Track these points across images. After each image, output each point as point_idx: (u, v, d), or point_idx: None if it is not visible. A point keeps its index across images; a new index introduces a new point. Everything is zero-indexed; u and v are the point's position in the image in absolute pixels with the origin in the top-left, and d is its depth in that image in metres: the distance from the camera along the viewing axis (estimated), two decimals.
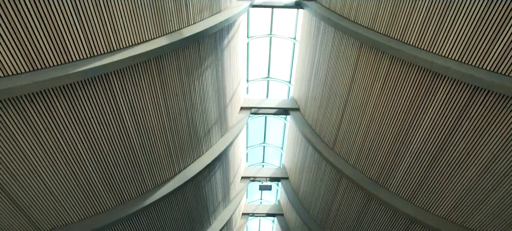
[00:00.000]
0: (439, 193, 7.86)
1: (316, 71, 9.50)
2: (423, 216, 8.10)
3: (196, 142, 8.91)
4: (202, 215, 11.16)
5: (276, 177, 13.59)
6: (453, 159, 7.19)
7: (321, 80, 9.36)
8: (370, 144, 8.42)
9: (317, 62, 9.42)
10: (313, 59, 9.62)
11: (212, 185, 10.63)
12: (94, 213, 7.96)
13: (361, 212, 9.85)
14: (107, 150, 7.16)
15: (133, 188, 8.15)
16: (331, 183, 10.25)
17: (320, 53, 9.15)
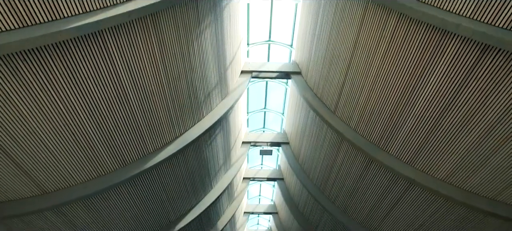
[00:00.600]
0: (439, 156, 7.87)
1: (319, 33, 9.17)
2: (422, 179, 8.17)
3: (196, 105, 8.80)
4: (204, 178, 11.32)
5: (277, 142, 13.64)
6: (456, 121, 7.11)
7: (323, 42, 9.06)
8: (373, 107, 8.31)
9: (320, 24, 9.07)
10: (315, 21, 9.26)
11: (213, 149, 10.68)
12: (96, 175, 8.04)
13: (360, 175, 9.95)
14: (106, 112, 7.07)
15: (134, 151, 8.16)
16: (331, 147, 10.28)
17: (323, 14, 8.77)
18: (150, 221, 10.87)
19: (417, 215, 9.74)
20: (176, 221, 11.53)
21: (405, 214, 9.99)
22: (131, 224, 10.49)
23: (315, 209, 13.38)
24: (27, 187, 7.56)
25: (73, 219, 9.14)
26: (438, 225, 9.59)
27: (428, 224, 9.77)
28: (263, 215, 25.56)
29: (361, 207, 11.03)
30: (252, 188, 21.10)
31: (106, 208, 9.29)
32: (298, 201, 14.57)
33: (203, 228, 13.81)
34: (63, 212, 8.67)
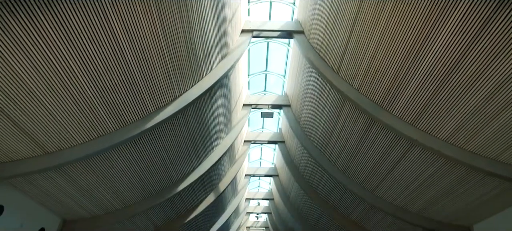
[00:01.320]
0: (442, 117, 7.76)
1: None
2: (425, 139, 8.13)
3: (195, 65, 8.58)
4: (205, 140, 11.36)
5: (278, 104, 13.53)
6: (462, 82, 6.91)
7: (328, 0, 8.63)
8: (377, 66, 8.07)
9: None
10: None
11: (213, 111, 10.60)
12: (97, 135, 8.01)
13: (362, 137, 9.94)
14: (103, 71, 6.87)
15: (134, 111, 8.07)
16: (333, 109, 10.17)
17: None
18: (153, 181, 11.07)
19: (416, 176, 9.84)
20: (179, 182, 11.74)
21: (404, 175, 10.11)
22: (135, 184, 10.69)
23: (316, 171, 13.57)
24: (28, 147, 7.57)
25: (78, 179, 9.28)
26: (437, 185, 9.72)
27: (427, 184, 9.90)
28: (264, 178, 26.18)
29: (361, 169, 11.15)
30: (253, 152, 21.39)
31: (109, 168, 9.40)
32: (299, 163, 14.76)
33: (205, 189, 14.12)
34: (67, 172, 8.78)
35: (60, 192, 9.52)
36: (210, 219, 17.22)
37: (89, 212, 11.01)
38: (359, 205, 12.94)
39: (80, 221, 11.20)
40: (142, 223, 13.07)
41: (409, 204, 11.18)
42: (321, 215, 16.19)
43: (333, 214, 14.40)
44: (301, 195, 16.59)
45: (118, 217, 11.22)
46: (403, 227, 12.66)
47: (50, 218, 10.51)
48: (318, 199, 14.47)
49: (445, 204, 10.51)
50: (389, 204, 11.49)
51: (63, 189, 9.40)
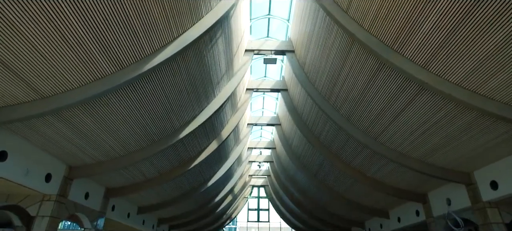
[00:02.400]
0: (456, 60, 7.31)
1: None
2: (436, 82, 7.77)
3: (194, 3, 7.94)
4: (206, 86, 11.03)
5: (281, 50, 12.96)
6: (479, 24, 6.37)
7: None
8: (390, 5, 7.42)
9: None
10: None
11: (214, 54, 10.12)
12: (93, 78, 7.68)
13: (369, 81, 9.56)
14: (94, 9, 6.33)
15: (130, 53, 7.64)
16: (340, 53, 9.67)
17: None
18: (155, 128, 10.97)
19: (422, 123, 9.65)
20: (181, 129, 11.65)
21: (409, 122, 9.91)
22: (136, 131, 10.60)
23: (319, 118, 13.42)
24: (23, 92, 7.30)
25: (78, 125, 9.16)
26: (442, 131, 9.57)
27: (432, 130, 9.75)
28: (266, 127, 26.33)
29: (365, 115, 10.94)
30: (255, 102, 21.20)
31: (109, 114, 9.22)
32: (302, 111, 14.57)
33: (208, 136, 14.12)
34: (66, 118, 8.62)
35: (62, 138, 9.46)
36: (213, 166, 17.55)
37: (93, 159, 11.09)
38: (362, 152, 12.98)
39: (85, 167, 11.35)
40: (147, 169, 13.28)
41: (412, 150, 11.16)
42: (322, 163, 16.41)
43: (335, 162, 14.55)
44: (303, 143, 16.67)
45: (122, 163, 11.32)
46: (404, 173, 12.83)
47: (55, 164, 10.62)
48: (321, 146, 14.52)
49: (448, 151, 10.47)
50: (392, 151, 11.48)
51: (65, 135, 9.33)
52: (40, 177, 9.95)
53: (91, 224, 13.17)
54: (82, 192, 12.28)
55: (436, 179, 12.08)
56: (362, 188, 15.93)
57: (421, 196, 14.34)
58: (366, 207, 18.19)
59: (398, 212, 17.20)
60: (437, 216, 13.54)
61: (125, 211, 16.38)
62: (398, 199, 15.50)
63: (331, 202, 20.29)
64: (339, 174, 15.97)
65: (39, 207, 10.65)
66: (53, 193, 10.66)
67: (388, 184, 14.20)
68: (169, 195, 17.51)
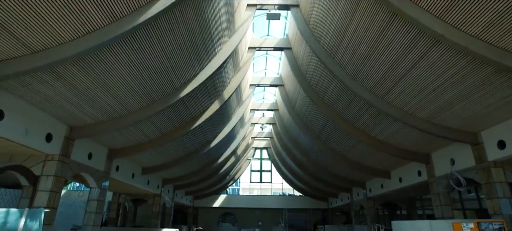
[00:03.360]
0: (475, 10, 6.73)
1: None
2: (451, 34, 7.24)
3: None
4: (206, 42, 10.51)
5: (285, 4, 12.21)
6: None
7: None
8: None
9: None
10: None
11: (214, 7, 9.51)
12: (86, 32, 7.22)
13: (379, 35, 9.01)
14: None
15: (123, 3, 7.10)
16: (349, 3, 9.02)
17: None
18: (155, 87, 10.64)
19: (433, 80, 9.24)
20: (181, 88, 11.32)
21: (419, 79, 9.49)
22: (135, 90, 10.29)
23: (324, 77, 12.98)
24: (13, 46, 6.90)
25: (74, 83, 8.84)
26: (454, 89, 9.19)
27: (443, 88, 9.36)
28: (268, 90, 25.92)
29: (373, 73, 10.50)
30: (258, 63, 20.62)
31: (105, 71, 8.85)
32: (306, 70, 14.10)
33: (210, 96, 13.82)
34: (61, 75, 8.28)
35: (59, 97, 9.19)
36: (215, 127, 17.44)
37: (93, 118, 10.91)
38: (367, 112, 12.70)
39: (86, 127, 11.20)
40: (148, 129, 13.15)
41: (419, 109, 10.85)
42: (326, 123, 16.22)
43: (339, 122, 14.33)
44: (306, 103, 16.37)
45: (123, 123, 11.15)
46: (409, 134, 12.64)
47: (55, 124, 10.46)
48: (324, 107, 14.22)
49: (456, 110, 10.15)
50: (398, 110, 11.17)
51: (62, 93, 9.05)
52: (40, 137, 9.83)
53: (97, 184, 13.33)
54: (84, 152, 12.26)
55: (442, 139, 11.90)
56: (365, 148, 15.86)
57: (424, 156, 14.27)
58: (368, 168, 18.30)
59: (399, 172, 17.31)
60: (439, 176, 13.57)
61: (130, 172, 16.56)
62: (401, 160, 15.48)
63: (333, 163, 20.42)
64: (342, 134, 15.83)
65: (43, 167, 10.67)
66: (56, 153, 10.62)
67: (392, 145, 14.08)
68: (172, 156, 17.61)
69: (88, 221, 13.20)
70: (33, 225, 8.20)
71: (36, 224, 8.29)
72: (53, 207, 10.46)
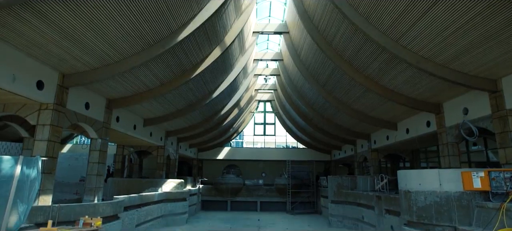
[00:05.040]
0: None
1: None
2: None
3: None
4: None
5: None
6: None
7: None
8: None
9: None
10: None
11: None
12: None
13: None
14: None
15: None
16: None
17: None
18: (149, 29, 9.84)
19: (455, 19, 8.34)
20: (178, 31, 10.48)
21: (439, 19, 8.57)
22: (129, 32, 9.50)
23: (333, 19, 11.96)
24: None
25: (61, 24, 8.11)
26: (478, 29, 8.31)
27: (465, 29, 8.49)
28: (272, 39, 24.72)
29: (388, 13, 9.52)
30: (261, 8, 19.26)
31: (94, 10, 8.04)
32: (314, 13, 13.02)
33: (210, 42, 12.96)
34: (45, 15, 7.53)
35: (46, 40, 8.49)
36: (217, 77, 16.74)
37: (86, 65, 10.27)
38: (378, 58, 11.87)
39: (79, 75, 10.61)
40: (147, 78, 12.54)
41: (435, 54, 10.03)
42: (332, 72, 15.44)
43: (347, 70, 13.55)
44: (313, 51, 15.46)
45: (118, 69, 10.53)
46: (422, 81, 11.91)
47: (46, 71, 9.86)
48: (332, 53, 13.33)
49: (478, 54, 9.35)
50: (413, 55, 10.35)
51: (47, 35, 8.32)
52: (30, 84, 9.28)
53: (97, 135, 13.06)
54: (81, 101, 11.80)
55: (457, 87, 11.20)
56: (372, 98, 15.24)
57: (435, 106, 13.67)
58: (374, 119, 17.83)
59: (407, 123, 16.83)
60: (449, 126, 13.07)
61: (131, 123, 16.27)
62: (410, 110, 14.91)
63: (338, 114, 19.95)
64: (349, 83, 15.13)
65: (38, 116, 10.27)
66: (50, 101, 10.16)
67: (402, 94, 13.42)
68: (174, 107, 17.19)
69: (91, 171, 13.16)
70: (30, 172, 7.98)
71: (34, 172, 8.07)
72: (52, 156, 10.25)
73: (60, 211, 9.50)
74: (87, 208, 10.49)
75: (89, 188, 12.94)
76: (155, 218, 17.28)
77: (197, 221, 21.26)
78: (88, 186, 12.97)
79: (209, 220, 22.25)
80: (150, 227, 16.55)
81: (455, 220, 9.93)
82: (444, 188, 10.25)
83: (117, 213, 12.49)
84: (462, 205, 9.90)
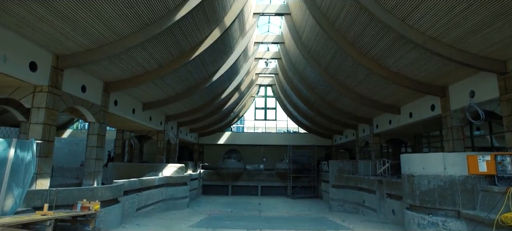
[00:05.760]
0: None
1: None
2: None
3: None
4: None
5: None
6: None
7: None
8: None
9: None
10: None
11: None
12: None
13: None
14: None
15: None
16: None
17: None
18: (145, 8, 9.45)
19: None
20: (176, 9, 10.07)
21: None
22: (124, 11, 9.12)
23: None
24: None
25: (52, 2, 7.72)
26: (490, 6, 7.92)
27: (477, 5, 8.08)
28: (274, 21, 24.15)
29: None
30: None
31: None
32: None
33: (209, 22, 12.54)
34: None
35: (36, 18, 8.14)
36: (217, 59, 16.35)
37: (80, 45, 9.93)
38: (383, 39, 11.46)
39: (74, 56, 10.28)
40: (143, 59, 12.19)
41: (443, 34, 9.65)
42: (335, 55, 15.03)
43: (350, 51, 13.15)
44: (315, 33, 15.01)
45: (114, 50, 10.19)
46: (427, 63, 11.54)
47: (39, 52, 9.54)
48: (335, 34, 12.90)
49: (487, 34, 8.97)
50: (420, 35, 9.96)
51: (38, 14, 7.98)
52: (23, 65, 8.98)
53: (95, 118, 12.83)
54: (77, 84, 11.51)
55: (465, 68, 10.85)
56: (376, 81, 14.90)
57: (440, 89, 13.34)
58: (377, 103, 17.52)
59: (410, 107, 16.53)
60: (454, 110, 12.78)
61: (129, 107, 16.01)
62: (414, 93, 14.58)
63: (340, 98, 19.63)
64: (352, 66, 14.75)
65: (33, 99, 10.01)
66: (44, 84, 9.88)
67: (407, 76, 13.07)
68: (173, 90, 16.89)
69: (90, 155, 12.99)
70: (25, 155, 7.77)
71: (29, 155, 7.87)
72: (49, 140, 10.04)
73: (58, 195, 9.36)
74: (86, 192, 10.36)
75: (88, 172, 12.82)
76: (156, 202, 17.26)
77: (198, 205, 21.30)
78: (87, 170, 12.84)
79: (210, 204, 22.29)
80: (151, 211, 16.55)
81: (459, 204, 9.78)
82: (448, 171, 10.05)
83: (116, 197, 12.40)
84: (467, 189, 9.73)
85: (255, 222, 14.56)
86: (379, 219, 15.34)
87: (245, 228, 12.52)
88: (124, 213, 13.67)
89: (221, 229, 12.27)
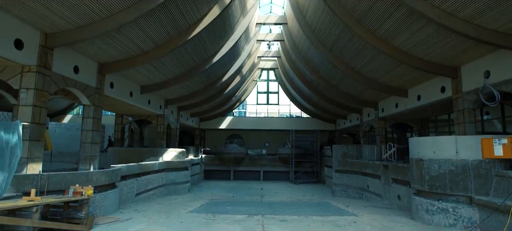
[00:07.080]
0: None
1: None
2: None
3: None
4: None
5: None
6: None
7: None
8: None
9: None
10: None
11: None
12: None
13: None
14: None
15: None
16: None
17: None
18: None
19: None
20: None
21: None
22: None
23: None
24: None
25: None
26: None
27: None
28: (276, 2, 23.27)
29: None
30: None
31: None
32: None
33: None
34: None
35: None
36: (217, 39, 15.65)
37: (69, 22, 9.30)
38: (393, 15, 10.71)
39: (64, 34, 9.67)
40: (138, 38, 11.56)
41: (460, 8, 8.91)
42: (340, 34, 14.29)
43: (357, 30, 12.40)
44: (319, 11, 14.23)
45: (106, 27, 9.55)
46: (440, 41, 10.82)
47: (25, 29, 8.93)
48: (341, 11, 12.14)
49: (509, 6, 8.20)
50: (434, 9, 9.21)
51: None
52: (6, 42, 8.39)
53: (89, 101, 12.32)
54: (69, 65, 10.94)
55: (481, 46, 10.13)
56: (383, 62, 14.19)
57: (452, 69, 12.62)
58: (384, 85, 16.82)
59: (419, 89, 15.83)
60: (467, 91, 12.10)
61: (127, 89, 15.47)
62: (423, 75, 13.87)
63: (345, 81, 18.94)
64: (358, 46, 14.03)
65: (21, 79, 9.47)
66: (32, 63, 9.31)
67: (417, 56, 12.35)
68: (172, 73, 16.29)
69: (85, 139, 12.54)
70: (10, 138, 7.30)
71: (14, 138, 7.41)
72: (39, 122, 9.56)
73: (49, 180, 8.96)
74: (79, 177, 9.96)
75: (84, 156, 12.40)
76: (156, 187, 16.96)
77: (200, 190, 21.03)
78: (83, 154, 12.42)
79: (211, 189, 22.02)
80: (152, 196, 16.25)
81: (471, 190, 9.27)
82: (460, 155, 9.52)
83: (113, 182, 12.03)
84: (480, 174, 9.20)
85: (257, 207, 14.21)
86: (383, 204, 14.94)
87: (246, 213, 12.15)
88: (123, 198, 13.35)
89: (221, 214, 11.90)
